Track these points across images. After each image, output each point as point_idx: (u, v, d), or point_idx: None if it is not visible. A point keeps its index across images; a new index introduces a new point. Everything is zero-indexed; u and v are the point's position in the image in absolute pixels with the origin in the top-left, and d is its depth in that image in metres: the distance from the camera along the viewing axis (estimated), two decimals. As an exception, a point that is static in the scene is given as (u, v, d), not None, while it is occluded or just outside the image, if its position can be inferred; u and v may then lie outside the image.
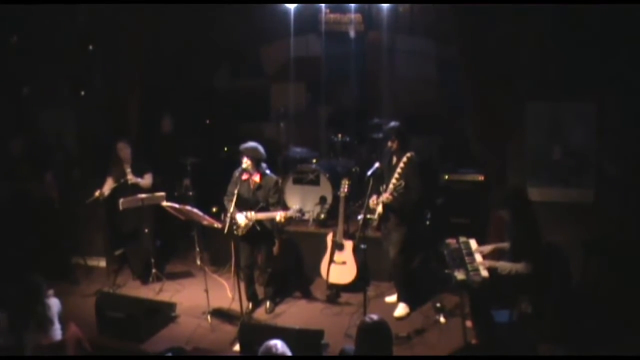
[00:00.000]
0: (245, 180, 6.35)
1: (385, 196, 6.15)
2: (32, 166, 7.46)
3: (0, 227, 7.18)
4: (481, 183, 7.19)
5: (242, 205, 6.30)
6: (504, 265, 5.46)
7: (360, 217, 6.15)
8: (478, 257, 5.67)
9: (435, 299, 6.60)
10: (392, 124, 6.41)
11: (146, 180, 7.29)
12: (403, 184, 6.01)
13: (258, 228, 6.32)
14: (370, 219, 6.37)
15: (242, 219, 6.25)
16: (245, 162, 6.28)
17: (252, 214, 6.25)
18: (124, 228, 7.43)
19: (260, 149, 6.34)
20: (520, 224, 5.46)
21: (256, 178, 6.35)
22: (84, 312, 6.47)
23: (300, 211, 6.25)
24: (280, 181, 6.64)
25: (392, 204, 6.18)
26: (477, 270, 5.45)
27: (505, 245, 5.76)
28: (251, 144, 6.34)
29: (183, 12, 7.73)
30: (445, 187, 7.35)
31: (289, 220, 6.44)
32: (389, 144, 6.34)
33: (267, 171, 6.42)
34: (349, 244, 6.87)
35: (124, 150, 7.22)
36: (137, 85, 7.87)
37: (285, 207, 6.54)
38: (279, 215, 6.15)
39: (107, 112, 7.76)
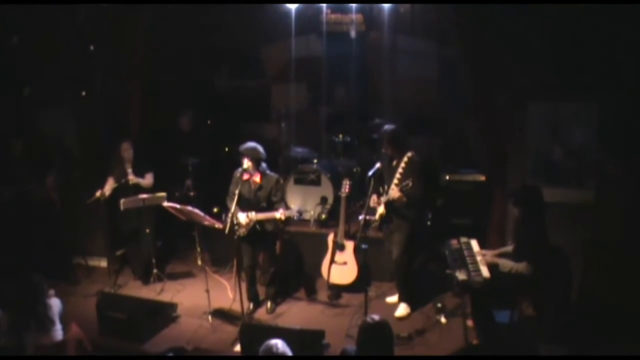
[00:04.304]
0: (246, 181, 6.35)
1: (394, 193, 6.08)
2: (32, 167, 7.47)
3: (1, 228, 7.18)
4: (482, 183, 7.18)
5: (244, 206, 6.31)
6: (505, 263, 5.46)
7: (361, 217, 6.14)
8: (479, 257, 5.66)
9: (436, 300, 6.60)
10: (386, 127, 6.39)
11: (147, 180, 7.29)
12: (410, 183, 5.97)
13: (258, 228, 6.32)
14: (370, 220, 6.36)
15: (243, 217, 6.25)
16: (246, 163, 6.28)
17: (253, 215, 6.26)
18: (125, 228, 7.43)
19: (260, 149, 6.34)
20: (527, 224, 5.44)
21: (257, 178, 6.35)
22: (85, 313, 6.48)
23: (299, 211, 6.25)
24: (281, 180, 6.64)
25: (396, 203, 6.15)
26: (478, 270, 5.44)
27: (508, 249, 5.75)
28: (250, 144, 6.34)
29: (184, 12, 7.73)
30: (446, 187, 7.34)
31: (288, 220, 6.44)
32: (383, 150, 6.34)
33: (267, 171, 6.42)
34: (349, 245, 6.87)
35: (128, 151, 7.23)
36: (137, 85, 7.88)
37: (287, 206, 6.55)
38: (278, 214, 6.15)
39: (107, 112, 7.77)
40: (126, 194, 7.03)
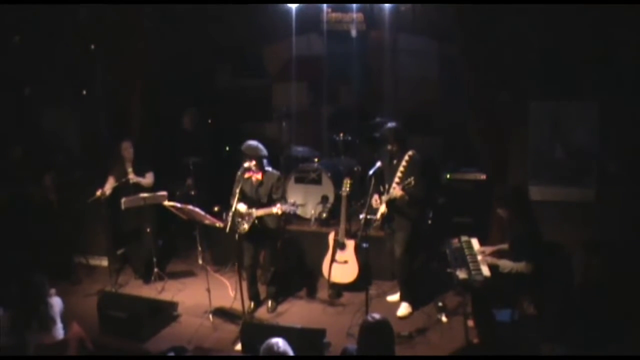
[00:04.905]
0: (248, 178, 6.36)
1: (395, 191, 6.05)
2: (31, 168, 7.48)
3: (1, 229, 7.19)
4: (483, 182, 7.18)
5: (245, 203, 6.30)
6: (506, 264, 5.47)
7: (362, 216, 6.14)
8: (480, 256, 5.67)
9: (437, 299, 6.60)
10: (389, 125, 6.37)
11: (148, 179, 7.30)
12: (412, 181, 5.96)
13: (257, 224, 6.31)
14: (371, 219, 6.35)
15: (243, 206, 6.24)
16: (248, 162, 6.28)
17: (253, 211, 6.25)
18: (126, 227, 7.44)
19: (261, 147, 6.35)
20: (519, 223, 5.46)
21: (258, 175, 6.36)
22: (86, 312, 6.48)
23: (294, 204, 6.26)
24: (282, 177, 6.64)
25: (398, 201, 6.14)
26: (479, 269, 5.45)
27: (505, 246, 5.76)
28: (252, 142, 6.35)
29: (185, 11, 7.74)
30: (447, 186, 7.34)
31: (287, 215, 6.42)
32: (389, 147, 6.28)
33: (269, 168, 6.43)
34: (350, 243, 6.87)
35: (128, 150, 7.23)
36: (138, 84, 7.88)
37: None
38: (275, 209, 6.14)
39: (108, 112, 7.78)
40: (127, 193, 7.04)
